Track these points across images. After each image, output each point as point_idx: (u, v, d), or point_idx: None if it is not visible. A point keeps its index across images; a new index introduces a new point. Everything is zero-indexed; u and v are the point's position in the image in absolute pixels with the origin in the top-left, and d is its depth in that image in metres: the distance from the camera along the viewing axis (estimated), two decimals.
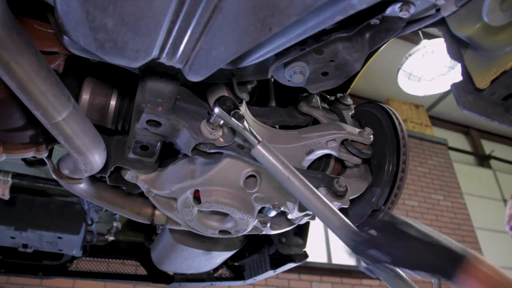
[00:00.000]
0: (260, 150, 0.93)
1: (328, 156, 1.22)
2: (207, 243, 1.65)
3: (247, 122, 0.94)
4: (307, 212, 1.22)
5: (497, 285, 0.75)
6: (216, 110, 0.91)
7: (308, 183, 0.94)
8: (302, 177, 0.95)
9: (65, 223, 1.81)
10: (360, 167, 1.26)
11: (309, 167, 1.20)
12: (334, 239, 5.78)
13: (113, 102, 1.03)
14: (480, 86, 0.83)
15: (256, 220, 1.20)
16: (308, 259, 1.88)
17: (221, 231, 1.22)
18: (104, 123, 1.04)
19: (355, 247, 0.88)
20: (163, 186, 1.12)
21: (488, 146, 8.60)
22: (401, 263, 0.84)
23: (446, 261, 0.80)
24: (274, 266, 1.90)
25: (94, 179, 1.18)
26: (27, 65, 0.64)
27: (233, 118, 0.91)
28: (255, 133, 0.94)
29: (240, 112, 0.92)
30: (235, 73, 1.00)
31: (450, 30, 0.78)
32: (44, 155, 0.96)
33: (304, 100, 1.26)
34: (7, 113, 0.88)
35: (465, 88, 0.87)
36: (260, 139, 0.94)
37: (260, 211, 1.20)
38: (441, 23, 0.80)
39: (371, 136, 1.15)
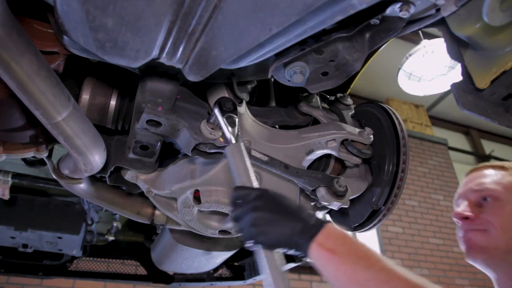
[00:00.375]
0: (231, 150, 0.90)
1: (328, 156, 1.22)
2: (207, 243, 1.65)
3: (237, 129, 0.94)
4: None
5: (343, 252, 0.71)
6: (216, 111, 0.91)
7: None
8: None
9: (65, 223, 1.81)
10: (360, 167, 1.26)
11: (309, 167, 1.20)
12: None
13: (113, 102, 1.03)
14: (480, 86, 0.83)
15: None
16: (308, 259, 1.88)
17: (221, 231, 1.22)
18: (104, 123, 1.04)
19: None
20: (163, 186, 1.12)
21: (488, 146, 8.59)
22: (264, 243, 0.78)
23: (300, 236, 0.75)
24: None
25: (94, 179, 1.18)
26: (27, 65, 0.64)
27: (224, 120, 0.91)
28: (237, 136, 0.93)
29: (234, 117, 0.92)
30: (235, 73, 1.00)
31: (450, 30, 0.78)
32: (44, 155, 0.96)
33: (304, 100, 1.26)
34: (7, 113, 0.88)
35: (465, 88, 0.87)
36: (234, 141, 0.91)
37: None
38: (441, 23, 0.80)
39: (371, 136, 1.15)
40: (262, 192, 0.81)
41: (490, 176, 1.08)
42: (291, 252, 0.77)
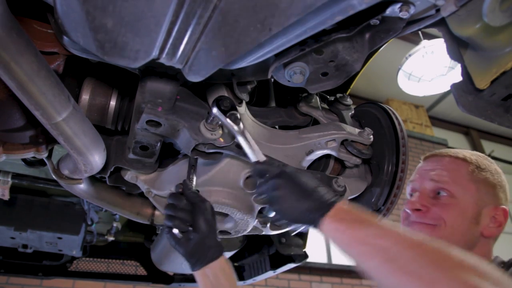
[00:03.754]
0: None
1: (327, 156, 1.22)
2: None
3: (243, 124, 0.94)
4: None
5: (349, 220, 0.75)
6: (214, 110, 0.91)
7: None
8: None
9: (65, 223, 1.81)
10: (360, 167, 1.26)
11: (309, 167, 1.20)
12: None
13: (113, 103, 1.03)
14: (480, 87, 0.83)
15: (256, 220, 1.20)
16: (308, 259, 1.88)
17: (221, 232, 1.22)
18: (104, 123, 1.04)
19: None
20: (163, 186, 1.12)
21: (488, 146, 8.59)
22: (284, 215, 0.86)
23: (315, 213, 0.80)
24: (274, 266, 1.90)
25: (94, 180, 1.18)
26: (27, 65, 0.64)
27: (228, 120, 0.91)
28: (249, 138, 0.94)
29: (237, 114, 0.92)
30: (235, 73, 1.00)
31: (450, 30, 0.78)
32: (44, 155, 0.96)
33: (303, 101, 1.26)
34: (7, 113, 0.88)
35: (465, 89, 0.87)
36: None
37: (260, 211, 1.20)
38: (441, 23, 0.80)
39: (371, 136, 1.15)
40: (281, 171, 0.88)
41: (450, 169, 1.07)
42: (305, 226, 0.84)
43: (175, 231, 0.99)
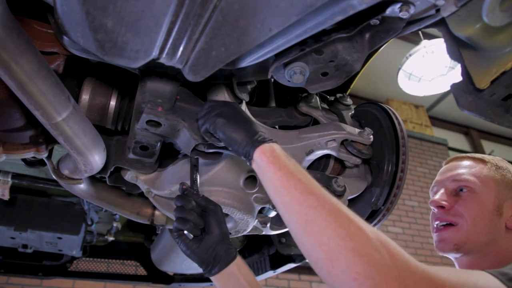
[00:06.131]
0: None
1: (327, 156, 1.22)
2: None
3: None
4: None
5: (281, 162, 0.79)
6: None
7: None
8: None
9: (65, 223, 1.81)
10: (360, 167, 1.26)
11: (309, 167, 1.20)
12: None
13: (113, 103, 1.03)
14: (480, 87, 0.83)
15: (256, 220, 1.20)
16: None
17: None
18: (104, 123, 1.04)
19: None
20: (162, 186, 1.11)
21: (488, 146, 8.59)
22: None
23: (249, 142, 0.84)
24: (274, 266, 1.90)
25: (94, 180, 1.18)
26: (27, 65, 0.64)
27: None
28: None
29: None
30: (235, 73, 1.00)
31: (450, 30, 0.78)
32: (44, 155, 0.96)
33: (303, 101, 1.26)
34: (7, 113, 0.88)
35: (465, 89, 0.87)
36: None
37: (260, 211, 1.20)
38: (441, 23, 0.80)
39: (371, 136, 1.15)
40: (226, 102, 0.95)
41: (469, 167, 1.14)
42: (241, 155, 0.86)
43: (188, 235, 0.96)
